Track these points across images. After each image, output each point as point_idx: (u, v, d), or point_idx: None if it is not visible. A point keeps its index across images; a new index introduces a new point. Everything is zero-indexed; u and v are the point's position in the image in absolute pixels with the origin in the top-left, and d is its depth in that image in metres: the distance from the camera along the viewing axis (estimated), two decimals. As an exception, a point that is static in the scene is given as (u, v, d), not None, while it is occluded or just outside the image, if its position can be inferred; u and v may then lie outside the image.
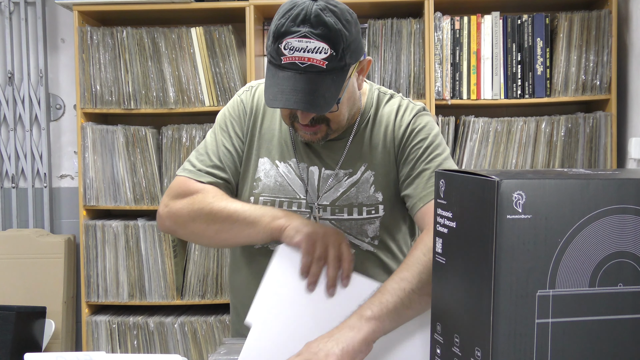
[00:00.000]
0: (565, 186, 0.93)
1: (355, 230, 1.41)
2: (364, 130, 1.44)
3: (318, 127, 1.34)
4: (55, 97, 3.41)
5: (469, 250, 0.97)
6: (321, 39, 1.22)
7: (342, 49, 1.24)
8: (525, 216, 0.91)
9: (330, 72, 1.24)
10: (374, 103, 1.46)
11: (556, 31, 2.91)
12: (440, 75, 2.91)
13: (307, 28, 1.22)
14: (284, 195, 1.41)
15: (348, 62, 1.27)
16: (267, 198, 1.41)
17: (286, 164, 1.42)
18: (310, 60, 1.22)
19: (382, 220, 1.42)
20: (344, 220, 1.40)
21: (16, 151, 3.38)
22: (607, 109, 2.90)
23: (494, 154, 2.92)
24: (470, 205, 0.97)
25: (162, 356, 1.39)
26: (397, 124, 1.43)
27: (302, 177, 1.41)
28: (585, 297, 0.95)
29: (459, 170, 1.01)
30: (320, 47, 1.22)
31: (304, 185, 1.40)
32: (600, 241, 0.94)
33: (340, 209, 1.39)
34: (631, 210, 0.95)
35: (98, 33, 2.98)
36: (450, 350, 1.03)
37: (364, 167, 1.41)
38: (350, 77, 1.31)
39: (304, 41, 1.22)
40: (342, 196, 1.40)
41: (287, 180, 1.41)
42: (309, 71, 1.23)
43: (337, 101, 1.28)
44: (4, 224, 3.42)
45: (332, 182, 1.41)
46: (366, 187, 1.40)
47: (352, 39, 1.27)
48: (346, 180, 1.41)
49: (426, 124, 1.44)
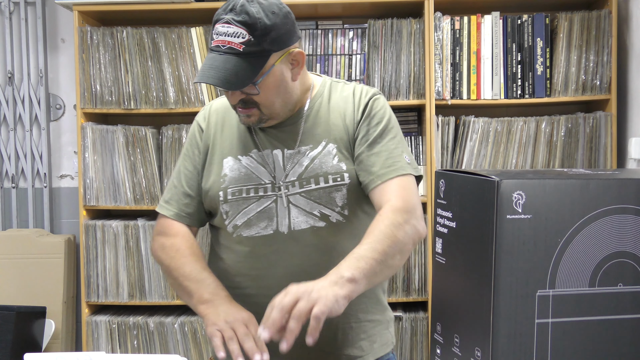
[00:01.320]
0: (565, 186, 0.93)
1: (325, 199, 1.49)
2: (317, 113, 1.55)
3: (250, 110, 1.47)
4: (55, 97, 3.41)
5: (469, 250, 0.97)
6: (241, 25, 1.38)
7: (259, 35, 1.39)
8: (525, 216, 0.91)
9: (247, 55, 1.39)
10: (327, 90, 1.58)
11: (556, 31, 2.91)
12: (440, 75, 2.91)
13: (231, 15, 1.39)
14: (249, 183, 1.52)
15: (267, 48, 1.41)
16: (234, 188, 1.52)
17: (248, 156, 1.54)
18: (230, 44, 1.39)
19: (349, 187, 1.50)
20: (313, 191, 1.49)
21: (16, 151, 3.38)
22: (607, 109, 2.90)
23: (494, 154, 2.92)
24: (470, 205, 0.97)
25: (162, 356, 1.40)
26: (356, 104, 1.54)
27: (265, 163, 1.52)
28: (585, 297, 0.95)
29: (459, 170, 1.01)
30: (239, 32, 1.39)
31: (268, 170, 1.52)
32: (600, 241, 0.95)
33: (307, 180, 1.49)
34: (631, 210, 0.95)
35: (98, 33, 2.98)
36: (450, 350, 1.03)
37: (324, 142, 1.52)
38: (275, 65, 1.43)
39: (226, 26, 1.40)
40: (307, 169, 1.50)
41: (251, 169, 1.52)
42: (228, 53, 1.40)
43: (254, 83, 1.41)
44: (4, 224, 3.42)
45: (296, 158, 1.52)
46: (329, 158, 1.51)
47: (274, 27, 1.41)
48: (309, 153, 1.52)
49: (382, 107, 1.55)
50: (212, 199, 1.54)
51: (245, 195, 1.51)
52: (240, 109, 1.48)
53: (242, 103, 1.47)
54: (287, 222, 1.49)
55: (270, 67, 1.43)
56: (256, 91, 1.44)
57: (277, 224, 1.49)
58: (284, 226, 1.49)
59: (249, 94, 1.45)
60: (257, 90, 1.44)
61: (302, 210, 1.49)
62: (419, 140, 3.03)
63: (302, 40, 3.01)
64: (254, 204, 1.50)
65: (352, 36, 3.05)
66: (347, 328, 1.52)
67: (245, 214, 1.51)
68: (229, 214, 1.52)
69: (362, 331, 1.53)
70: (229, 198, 1.52)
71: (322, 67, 3.04)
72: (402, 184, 1.46)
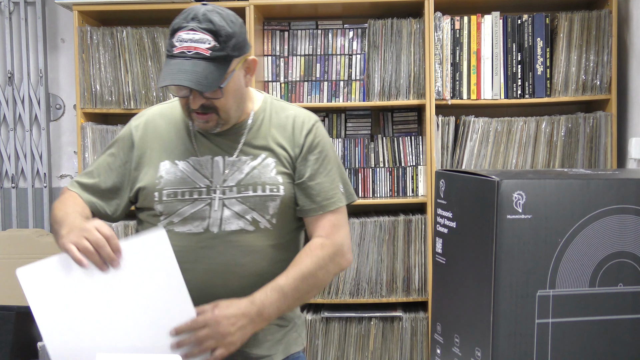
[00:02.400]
0: (565, 186, 0.93)
1: (259, 207, 1.58)
2: (259, 127, 1.63)
3: (209, 116, 1.54)
4: (55, 97, 3.41)
5: (469, 250, 0.97)
6: (206, 31, 1.47)
7: (223, 41, 1.47)
8: (525, 216, 0.91)
9: (214, 60, 1.47)
10: (269, 107, 1.67)
11: (556, 31, 2.91)
12: (440, 75, 2.91)
13: (195, 23, 1.48)
14: (184, 186, 1.59)
15: (230, 53, 1.49)
16: (170, 190, 1.59)
17: (185, 161, 1.61)
18: (196, 49, 1.46)
19: (282, 199, 1.59)
20: (249, 197, 1.58)
21: (16, 151, 3.38)
22: (607, 109, 2.90)
23: (494, 154, 2.92)
24: (470, 205, 0.97)
25: (162, 356, 1.40)
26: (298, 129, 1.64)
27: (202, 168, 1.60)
28: (585, 297, 0.95)
29: (459, 170, 1.01)
30: (205, 39, 1.47)
31: (204, 175, 1.59)
32: (600, 241, 0.95)
33: (245, 187, 1.58)
34: (631, 210, 0.95)
35: (98, 33, 2.98)
36: (450, 350, 1.03)
37: (264, 155, 1.61)
38: (235, 70, 1.52)
39: (191, 33, 1.47)
40: (247, 176, 1.59)
41: (187, 173, 1.60)
42: (195, 57, 1.46)
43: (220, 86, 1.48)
44: (4, 224, 3.42)
45: (237, 165, 1.60)
46: (267, 170, 1.60)
47: (235, 35, 1.50)
48: (249, 163, 1.60)
49: (322, 135, 1.66)
50: (147, 197, 1.61)
51: (180, 198, 1.58)
52: (199, 114, 1.54)
53: (202, 108, 1.52)
54: (218, 222, 1.57)
55: (231, 72, 1.51)
56: (220, 95, 1.50)
57: (209, 224, 1.57)
58: (215, 227, 1.57)
59: (211, 98, 1.51)
60: (222, 94, 1.50)
61: (236, 213, 1.57)
62: (419, 140, 3.03)
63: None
64: (188, 206, 1.58)
65: (352, 36, 3.05)
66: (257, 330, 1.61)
67: (180, 215, 1.58)
68: (163, 213, 1.59)
69: (269, 333, 1.62)
70: (164, 199, 1.59)
71: (322, 67, 3.04)
72: (334, 220, 1.61)
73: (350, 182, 3.05)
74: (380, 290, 2.94)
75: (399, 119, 3.12)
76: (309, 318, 2.96)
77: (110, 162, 1.66)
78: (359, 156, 3.05)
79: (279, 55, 3.07)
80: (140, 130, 1.66)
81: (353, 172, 3.04)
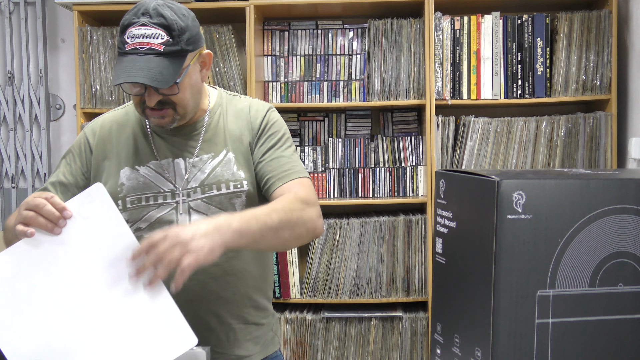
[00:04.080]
0: (565, 186, 0.93)
1: (225, 205, 1.56)
2: (217, 122, 1.62)
3: (165, 111, 1.51)
4: (55, 97, 3.41)
5: (469, 250, 0.97)
6: (158, 26, 1.44)
7: (177, 35, 1.45)
8: (525, 216, 0.91)
9: (168, 55, 1.44)
10: (224, 102, 1.66)
11: (556, 31, 2.91)
12: (440, 75, 2.91)
13: (146, 18, 1.44)
14: (148, 191, 1.56)
15: (184, 47, 1.46)
16: (133, 197, 1.56)
17: (146, 166, 1.58)
18: (149, 45, 1.43)
19: (247, 194, 1.57)
20: (214, 196, 1.55)
21: (16, 151, 3.38)
22: (607, 109, 2.90)
23: (494, 154, 2.92)
24: (470, 205, 0.97)
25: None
26: (253, 115, 1.63)
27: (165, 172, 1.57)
28: (585, 297, 0.95)
29: (459, 170, 1.01)
30: (157, 34, 1.44)
31: (167, 178, 1.57)
32: (600, 241, 0.95)
33: (209, 187, 1.55)
34: (631, 210, 0.95)
35: (98, 33, 2.98)
36: (450, 350, 1.03)
37: (225, 151, 1.59)
38: (190, 65, 1.50)
39: (143, 29, 1.44)
40: (209, 176, 1.57)
41: (149, 178, 1.57)
42: (149, 53, 1.43)
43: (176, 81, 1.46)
44: (4, 224, 3.41)
45: (198, 166, 1.57)
46: (229, 166, 1.58)
47: (188, 29, 1.47)
48: (210, 162, 1.58)
49: (277, 119, 1.65)
50: None
51: (145, 203, 1.56)
52: (155, 110, 1.51)
53: (158, 104, 1.50)
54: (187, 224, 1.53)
55: (187, 66, 1.49)
56: (177, 90, 1.48)
57: None
58: None
59: (168, 95, 1.48)
60: (178, 89, 1.48)
61: (203, 215, 1.54)
62: (419, 140, 3.03)
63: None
64: (153, 211, 1.55)
65: (352, 36, 3.05)
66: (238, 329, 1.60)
67: (146, 220, 1.55)
68: (129, 220, 1.54)
69: (247, 332, 1.62)
70: (127, 206, 1.56)
71: (322, 67, 3.04)
72: (303, 182, 1.55)
73: (351, 182, 3.06)
74: (380, 290, 2.94)
75: (399, 119, 3.12)
76: (309, 318, 2.96)
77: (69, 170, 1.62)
78: (359, 156, 3.05)
79: (278, 55, 3.07)
80: (96, 138, 1.63)
81: (353, 172, 3.05)
